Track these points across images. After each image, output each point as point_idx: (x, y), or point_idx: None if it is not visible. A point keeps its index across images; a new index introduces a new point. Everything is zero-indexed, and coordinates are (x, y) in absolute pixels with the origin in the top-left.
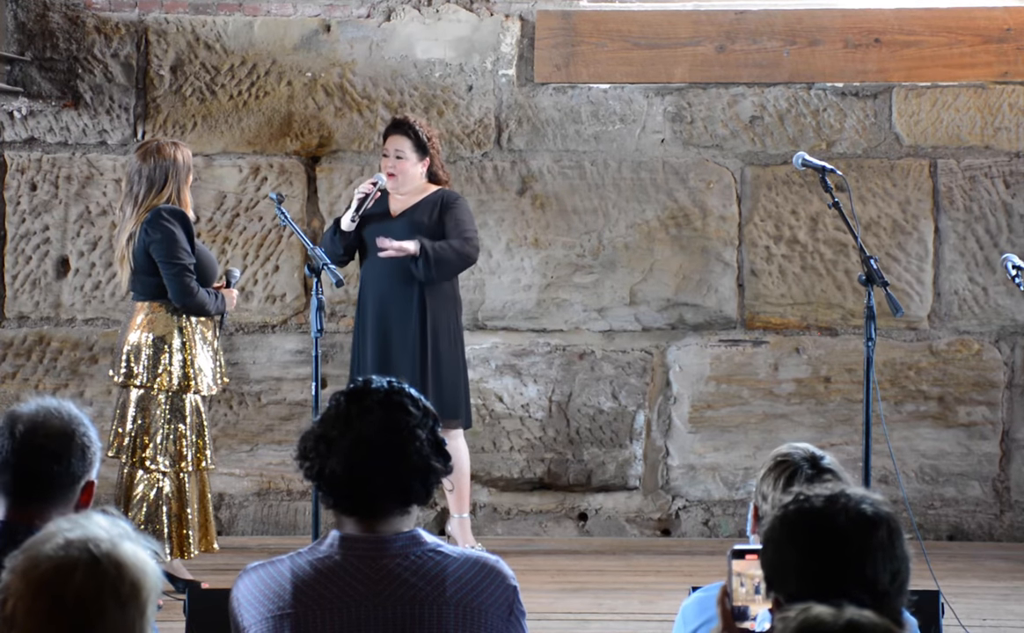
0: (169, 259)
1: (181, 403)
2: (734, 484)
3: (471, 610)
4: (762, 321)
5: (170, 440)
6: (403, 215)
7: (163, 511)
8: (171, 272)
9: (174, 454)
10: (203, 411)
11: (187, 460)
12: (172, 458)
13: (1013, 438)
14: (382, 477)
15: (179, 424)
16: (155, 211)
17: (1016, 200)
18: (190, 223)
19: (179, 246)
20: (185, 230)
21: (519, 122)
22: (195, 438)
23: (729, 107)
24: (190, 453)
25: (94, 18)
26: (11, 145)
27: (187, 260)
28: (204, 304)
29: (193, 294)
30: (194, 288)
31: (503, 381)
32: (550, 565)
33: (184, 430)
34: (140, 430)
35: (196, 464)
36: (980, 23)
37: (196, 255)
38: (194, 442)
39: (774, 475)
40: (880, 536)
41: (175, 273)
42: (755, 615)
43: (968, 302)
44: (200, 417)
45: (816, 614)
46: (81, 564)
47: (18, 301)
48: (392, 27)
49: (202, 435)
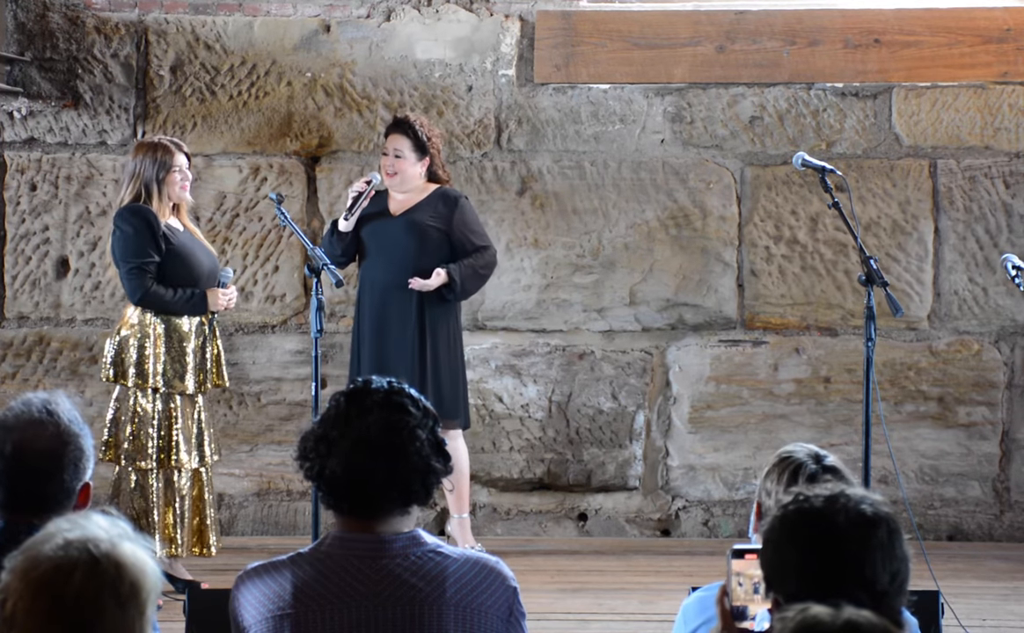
0: (121, 259)
1: (146, 399)
2: (734, 484)
3: (471, 611)
4: (762, 321)
5: (129, 436)
6: (402, 215)
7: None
8: (122, 272)
9: (134, 450)
10: (177, 408)
11: (150, 456)
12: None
13: (1013, 438)
14: (382, 477)
15: (139, 420)
16: (117, 211)
17: (1016, 200)
18: (153, 220)
19: (130, 246)
20: (148, 227)
21: (519, 122)
22: (158, 434)
23: (729, 107)
24: (152, 449)
25: (94, 18)
26: (11, 145)
27: (138, 260)
28: (161, 301)
29: (142, 293)
30: (145, 286)
31: (503, 381)
32: (550, 565)
33: (141, 425)
34: (112, 425)
35: (160, 462)
36: (980, 23)
37: (171, 253)
38: (154, 437)
39: (778, 472)
40: (880, 536)
41: (125, 273)
42: (754, 615)
43: (968, 302)
44: (170, 414)
45: (815, 614)
46: (81, 564)
47: (18, 301)
48: (392, 27)
49: (170, 432)
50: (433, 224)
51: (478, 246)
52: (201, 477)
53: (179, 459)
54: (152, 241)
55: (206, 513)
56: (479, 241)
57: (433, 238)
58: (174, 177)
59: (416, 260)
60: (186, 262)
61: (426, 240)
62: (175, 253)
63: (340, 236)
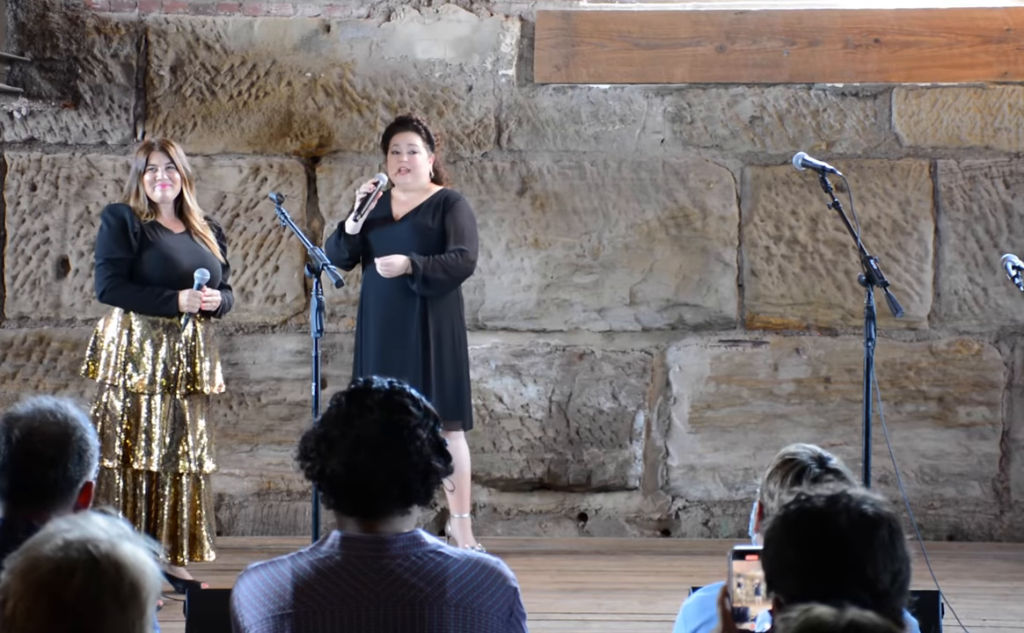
0: (96, 256)
1: (110, 395)
2: (734, 484)
3: (471, 611)
4: (762, 321)
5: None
6: (406, 218)
7: None
8: (94, 268)
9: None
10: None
11: (115, 454)
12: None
13: (1013, 438)
14: (383, 477)
15: (105, 416)
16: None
17: (1016, 200)
18: (126, 218)
19: (102, 243)
20: (120, 225)
21: (519, 122)
22: (130, 431)
23: (729, 107)
24: (116, 448)
25: (94, 18)
26: (11, 145)
27: (104, 256)
28: (126, 298)
29: (105, 289)
30: (106, 284)
31: (503, 381)
32: (550, 565)
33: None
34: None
35: (124, 460)
36: (980, 23)
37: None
38: (119, 435)
39: (782, 474)
40: (881, 536)
41: (93, 269)
42: (755, 616)
43: (968, 302)
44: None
45: (818, 614)
46: (80, 565)
47: (18, 301)
48: (392, 27)
49: (136, 431)
50: (432, 226)
51: (458, 247)
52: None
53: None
54: (122, 238)
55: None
56: (459, 243)
57: (434, 240)
58: (146, 176)
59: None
60: (162, 262)
61: (427, 242)
62: (152, 252)
63: (348, 238)
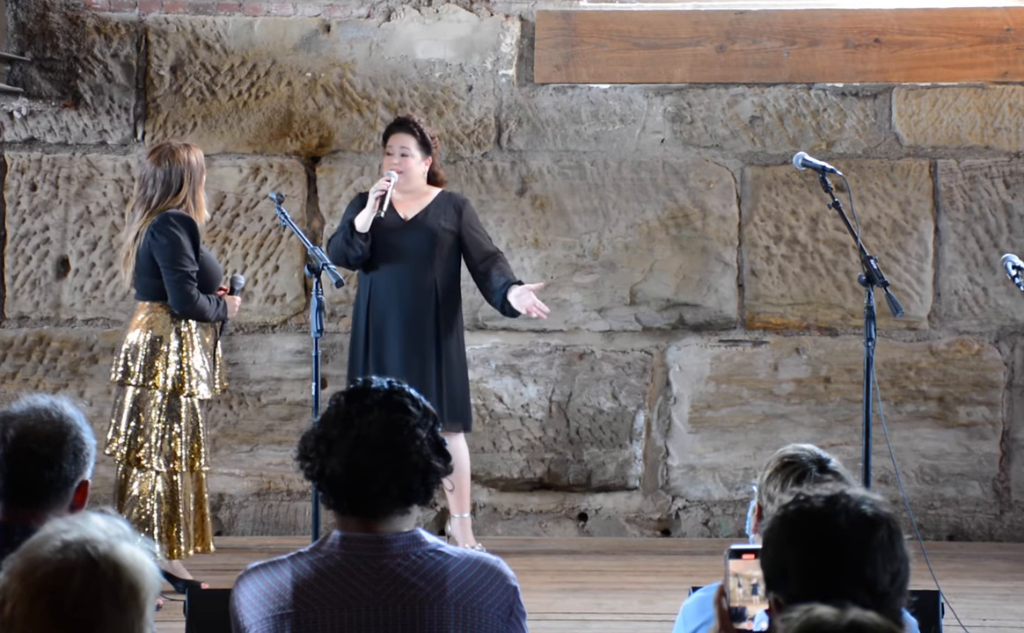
0: (171, 265)
1: (176, 404)
2: (734, 484)
3: (471, 610)
4: (762, 321)
5: (164, 440)
6: (416, 220)
7: (155, 511)
8: (172, 278)
9: (168, 454)
10: (199, 413)
11: (181, 460)
12: (166, 458)
13: (1013, 438)
14: (382, 477)
15: (174, 424)
16: (163, 215)
17: (1016, 200)
18: (197, 229)
19: (183, 253)
20: (191, 236)
21: (519, 122)
22: (189, 439)
23: (729, 107)
24: (184, 453)
25: (94, 18)
26: (11, 145)
27: (189, 267)
28: (204, 311)
29: (192, 301)
30: (194, 295)
31: (503, 381)
32: (550, 565)
33: (179, 430)
34: (136, 429)
35: (190, 465)
36: (980, 23)
37: (200, 261)
38: (188, 443)
39: (782, 476)
40: (880, 537)
41: (176, 280)
42: (752, 615)
43: (968, 302)
44: (196, 419)
45: (819, 614)
46: (79, 567)
47: (18, 301)
48: (392, 27)
49: (197, 437)
50: (446, 227)
51: (493, 250)
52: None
53: (203, 462)
54: (196, 249)
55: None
56: (490, 245)
57: (447, 242)
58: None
59: (431, 264)
60: (210, 270)
61: (441, 244)
62: (203, 261)
63: (363, 237)
